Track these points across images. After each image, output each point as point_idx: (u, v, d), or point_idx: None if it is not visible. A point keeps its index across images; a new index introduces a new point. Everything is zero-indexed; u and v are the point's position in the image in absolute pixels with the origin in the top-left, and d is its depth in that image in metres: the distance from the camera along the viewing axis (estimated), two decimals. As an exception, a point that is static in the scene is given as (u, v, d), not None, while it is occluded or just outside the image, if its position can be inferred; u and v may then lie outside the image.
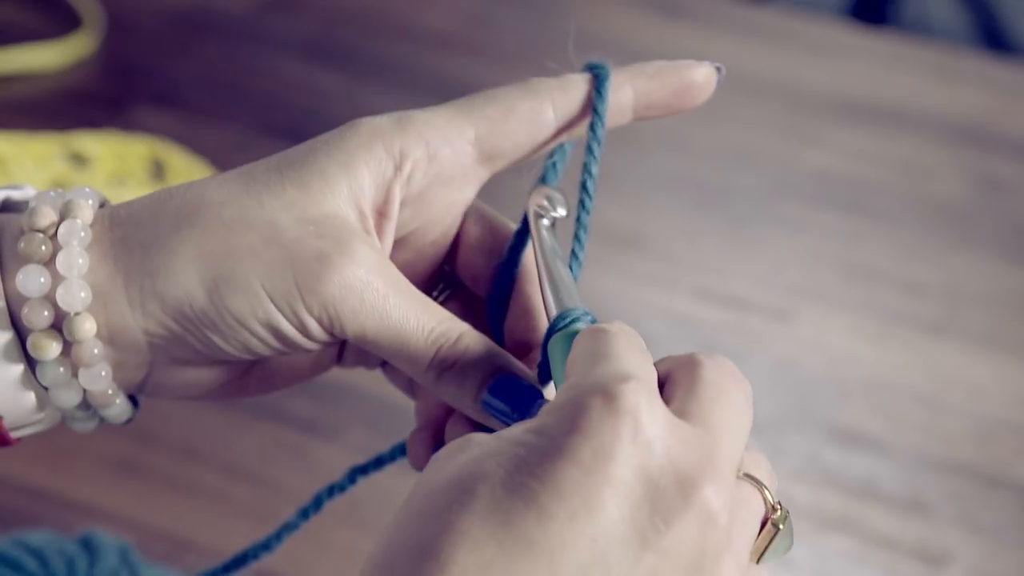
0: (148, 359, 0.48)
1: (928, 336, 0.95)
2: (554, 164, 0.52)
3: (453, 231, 0.52)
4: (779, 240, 1.02)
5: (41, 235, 0.47)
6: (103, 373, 0.47)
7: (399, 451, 0.53)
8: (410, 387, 0.53)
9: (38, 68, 1.10)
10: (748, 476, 0.42)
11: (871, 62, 1.20)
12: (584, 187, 0.51)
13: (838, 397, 0.90)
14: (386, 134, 0.48)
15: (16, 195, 0.49)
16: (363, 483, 0.80)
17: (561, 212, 0.51)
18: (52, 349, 0.46)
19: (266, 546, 0.55)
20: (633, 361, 0.41)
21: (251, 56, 1.16)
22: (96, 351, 0.47)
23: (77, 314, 0.46)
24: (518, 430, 0.40)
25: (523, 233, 0.51)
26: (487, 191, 0.52)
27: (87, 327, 0.46)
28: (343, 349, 0.53)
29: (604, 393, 0.39)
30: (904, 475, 0.85)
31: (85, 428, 0.50)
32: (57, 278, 0.46)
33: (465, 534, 0.38)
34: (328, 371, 0.54)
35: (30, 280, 0.46)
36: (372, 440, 0.83)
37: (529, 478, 0.38)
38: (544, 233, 0.50)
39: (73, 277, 0.46)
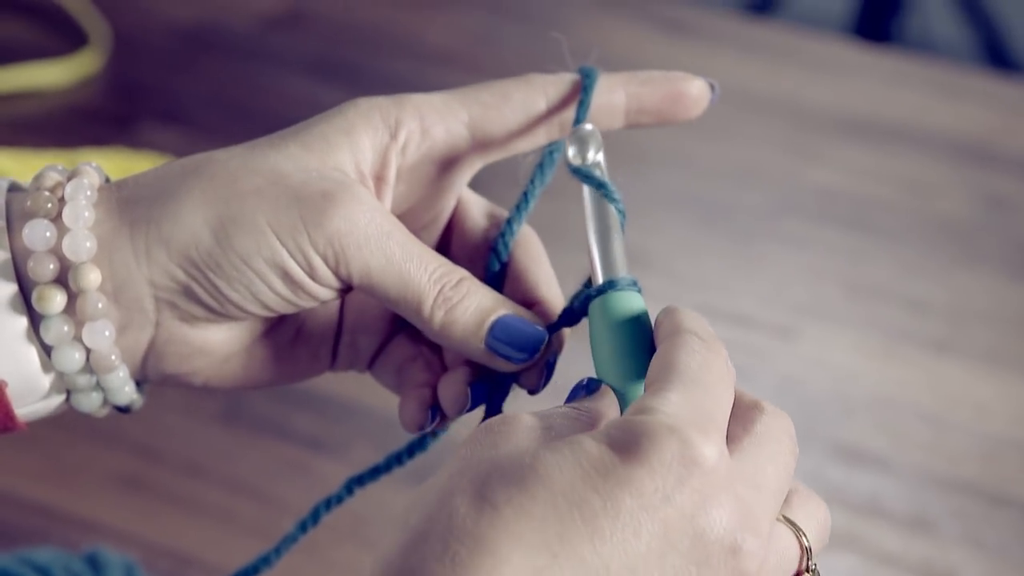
0: (153, 319, 0.48)
1: (932, 354, 0.95)
2: (551, 154, 0.53)
3: (446, 215, 0.53)
4: (783, 257, 1.02)
5: (48, 193, 0.47)
6: (106, 332, 0.47)
7: (395, 460, 0.53)
8: (397, 380, 0.53)
9: (45, 85, 1.11)
10: (788, 520, 0.43)
11: (875, 79, 1.20)
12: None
13: (842, 414, 0.90)
14: (384, 106, 0.50)
15: (23, 183, 0.50)
16: (366, 501, 0.80)
17: (591, 156, 0.51)
18: (56, 302, 0.46)
19: (266, 560, 0.55)
20: (718, 396, 0.43)
21: (256, 73, 1.16)
22: (100, 305, 0.47)
23: (82, 264, 0.46)
24: (583, 437, 0.41)
25: (525, 201, 0.52)
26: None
27: (91, 277, 0.47)
28: (337, 344, 0.53)
29: (682, 439, 0.40)
30: (909, 493, 0.85)
31: (91, 407, 0.49)
32: (63, 231, 0.47)
33: (521, 538, 0.38)
34: (322, 375, 0.54)
35: (35, 233, 0.47)
36: (377, 457, 0.82)
37: (593, 494, 0.39)
38: (588, 193, 0.50)
39: (79, 228, 0.47)
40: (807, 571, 0.43)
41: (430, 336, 0.49)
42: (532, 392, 0.51)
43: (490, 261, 0.52)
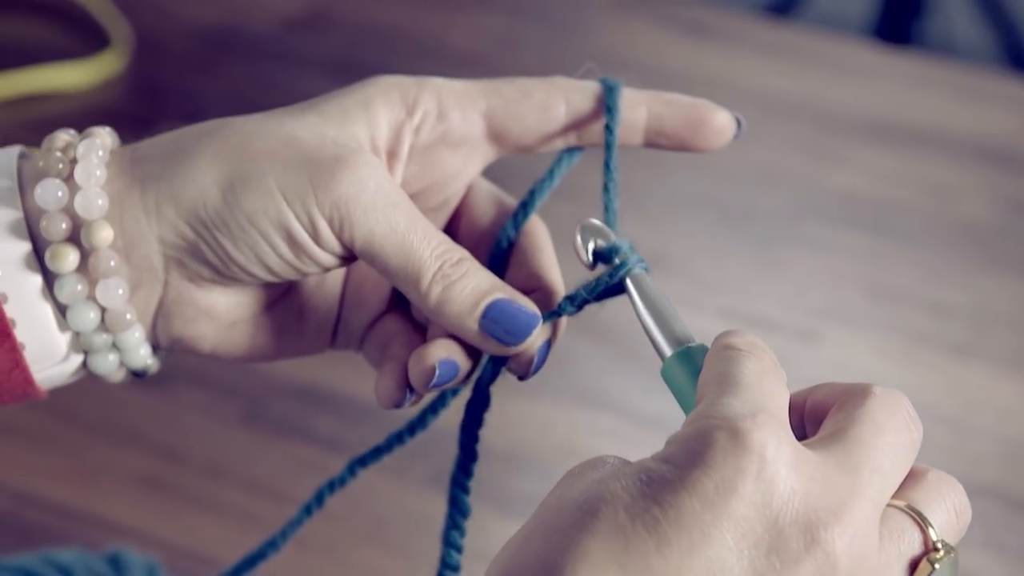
0: (162, 278, 0.48)
1: (953, 357, 0.94)
2: (560, 163, 0.53)
3: (456, 201, 0.53)
4: (804, 260, 1.02)
5: (59, 153, 0.48)
6: (120, 291, 0.47)
7: (396, 439, 0.54)
8: (379, 357, 0.53)
9: (66, 87, 1.11)
10: (911, 510, 0.41)
11: (896, 82, 1.20)
12: (606, 188, 0.51)
13: (863, 418, 0.89)
14: (404, 84, 0.51)
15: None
16: (387, 504, 0.80)
17: (592, 246, 0.50)
18: (70, 260, 0.47)
19: (273, 544, 0.56)
20: (764, 390, 0.42)
21: (277, 75, 1.16)
22: (112, 263, 0.47)
23: (94, 221, 0.47)
24: (645, 460, 0.40)
25: (536, 193, 0.52)
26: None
27: (104, 235, 0.47)
28: (338, 322, 0.54)
29: (730, 428, 0.39)
30: (930, 497, 0.85)
31: (107, 369, 0.49)
32: (74, 189, 0.47)
33: (588, 554, 0.38)
34: (323, 352, 0.55)
35: (48, 192, 0.47)
36: (395, 457, 0.82)
37: (652, 505, 0.39)
38: (636, 285, 0.49)
39: (91, 186, 0.47)
40: (934, 557, 0.41)
41: (425, 311, 0.49)
42: (521, 378, 0.50)
43: (495, 244, 0.52)
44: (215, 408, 0.86)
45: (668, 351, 0.46)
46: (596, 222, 0.50)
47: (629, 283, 0.49)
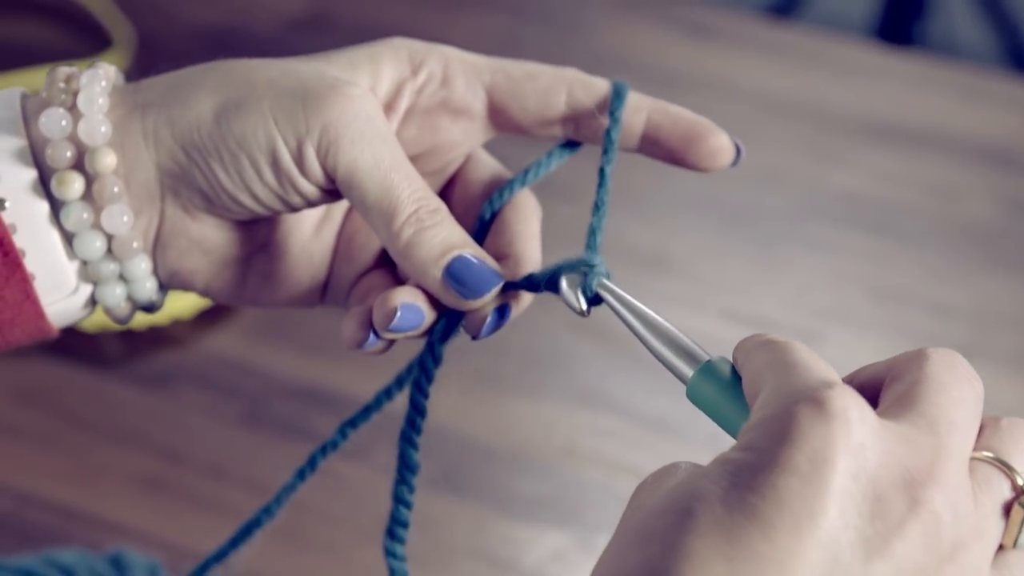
0: (159, 206, 0.49)
1: (956, 358, 0.94)
2: (555, 153, 0.53)
3: (452, 169, 0.54)
4: (806, 261, 1.02)
5: (62, 84, 0.49)
6: (124, 217, 0.48)
7: (384, 395, 0.54)
8: (348, 295, 0.53)
9: (68, 87, 1.11)
10: (994, 460, 0.41)
11: (898, 83, 1.20)
12: (599, 193, 0.51)
13: (865, 419, 0.89)
14: (414, 46, 0.51)
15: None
16: (386, 502, 0.80)
17: (582, 302, 0.50)
18: (75, 187, 0.47)
19: (268, 511, 0.56)
20: (824, 366, 0.41)
21: (279, 76, 1.16)
22: (116, 189, 0.48)
23: (98, 147, 0.47)
24: (724, 453, 0.40)
25: (521, 178, 0.53)
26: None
27: (107, 161, 0.48)
28: (329, 278, 0.54)
29: (811, 399, 0.39)
30: (932, 498, 0.84)
31: (115, 301, 0.50)
32: (78, 117, 0.48)
33: (693, 554, 0.37)
34: (315, 307, 0.55)
35: (52, 121, 0.48)
36: (395, 459, 0.83)
37: (747, 492, 0.38)
38: (615, 301, 0.49)
39: (93, 113, 0.48)
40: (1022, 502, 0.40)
41: (392, 252, 0.49)
42: (474, 338, 0.50)
43: (482, 210, 0.52)
44: (216, 408, 0.86)
45: (687, 371, 0.46)
46: (574, 276, 0.50)
47: (613, 302, 0.49)
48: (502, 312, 0.50)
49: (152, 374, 0.87)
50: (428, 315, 0.50)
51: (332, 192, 0.49)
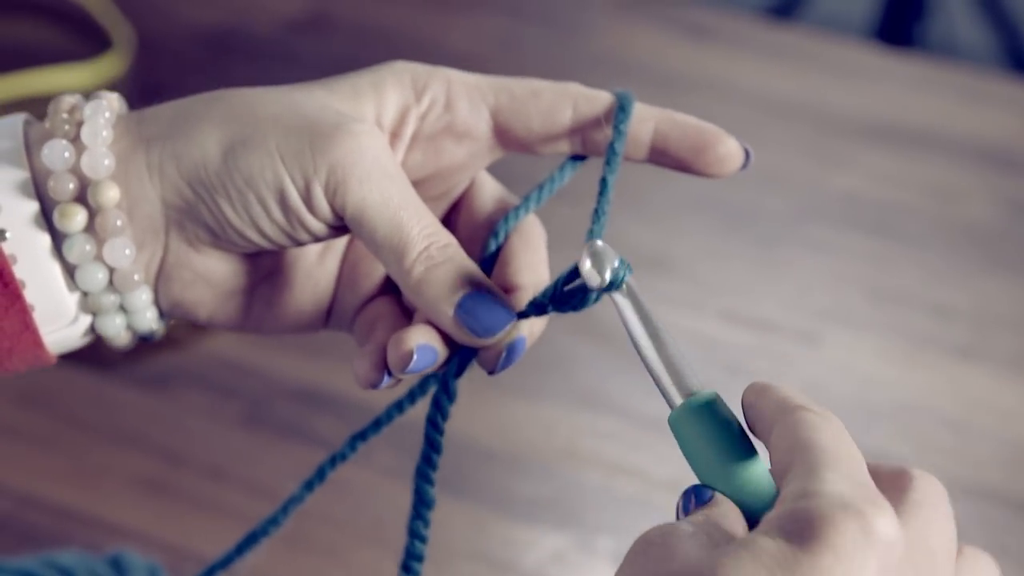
0: (163, 240, 0.49)
1: (956, 360, 0.94)
2: (562, 170, 0.52)
3: (456, 192, 0.54)
4: (806, 263, 1.02)
5: (66, 115, 0.48)
6: (127, 251, 0.48)
7: (395, 409, 0.53)
8: (366, 335, 0.53)
9: (68, 89, 1.11)
10: None
11: (898, 84, 1.20)
12: (599, 201, 0.51)
13: (865, 421, 0.89)
14: (417, 70, 0.51)
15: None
16: (387, 504, 0.80)
17: (605, 278, 0.48)
18: (78, 220, 0.47)
19: (274, 521, 0.56)
20: (864, 470, 0.41)
21: (279, 77, 1.16)
22: (119, 222, 0.47)
23: (101, 181, 0.47)
24: (756, 535, 0.39)
25: (536, 195, 0.52)
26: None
27: (110, 194, 0.47)
28: (333, 303, 0.54)
29: (857, 514, 0.39)
30: (932, 499, 0.84)
31: (114, 331, 0.50)
32: (81, 149, 0.48)
33: None
34: (319, 331, 0.55)
35: (55, 153, 0.47)
36: (400, 461, 0.83)
37: None
38: (624, 307, 0.48)
39: (97, 146, 0.48)
40: None
41: (404, 289, 0.49)
42: (490, 373, 0.50)
43: (487, 241, 0.52)
44: (216, 410, 0.86)
45: (678, 398, 0.46)
46: (601, 244, 0.49)
47: (624, 304, 0.48)
48: (516, 345, 0.50)
49: (152, 375, 0.87)
50: (442, 352, 0.49)
51: (340, 228, 0.49)
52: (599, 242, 0.48)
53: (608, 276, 0.47)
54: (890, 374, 0.93)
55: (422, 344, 0.49)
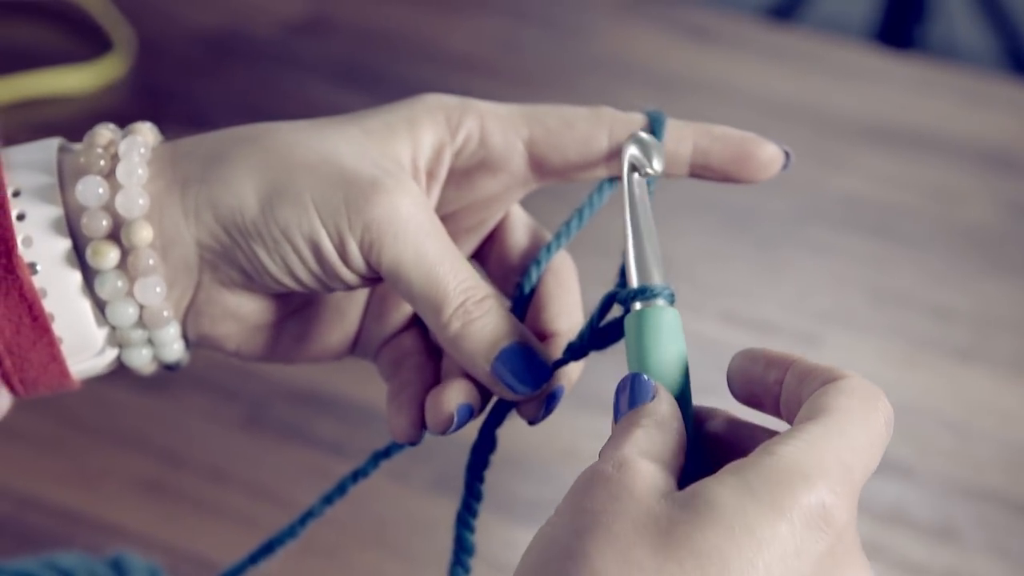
0: (196, 278, 0.49)
1: (957, 362, 0.94)
2: (599, 192, 0.52)
3: (490, 225, 0.53)
4: (807, 264, 1.02)
5: (100, 150, 0.48)
6: (158, 289, 0.48)
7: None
8: (391, 372, 0.53)
9: (69, 91, 1.11)
10: None
11: (898, 86, 1.20)
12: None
13: (866, 422, 0.89)
14: (450, 106, 0.50)
15: (72, 144, 0.51)
16: (389, 507, 0.80)
17: (656, 167, 0.50)
18: (110, 257, 0.47)
19: (291, 532, 0.55)
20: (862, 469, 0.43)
21: (280, 79, 1.16)
22: (151, 261, 0.48)
23: (135, 220, 0.47)
24: (714, 485, 0.40)
25: (567, 229, 0.52)
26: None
27: (144, 234, 0.47)
28: (359, 333, 0.54)
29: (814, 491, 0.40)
30: (933, 502, 0.85)
31: (141, 362, 0.50)
32: (116, 188, 0.48)
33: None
34: (343, 359, 0.55)
35: (89, 190, 0.47)
36: (399, 463, 0.82)
37: (732, 550, 0.39)
38: (636, 190, 0.49)
39: (132, 184, 0.48)
40: None
41: (440, 342, 0.49)
42: (531, 423, 0.51)
43: (520, 284, 0.51)
44: (217, 412, 0.86)
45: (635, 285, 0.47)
46: (646, 136, 0.50)
47: (638, 192, 0.49)
48: (555, 394, 0.50)
49: (153, 377, 0.87)
50: (478, 405, 0.50)
51: (374, 279, 0.49)
52: (643, 134, 0.49)
53: (657, 166, 0.49)
54: (890, 376, 0.93)
55: (462, 404, 0.49)
